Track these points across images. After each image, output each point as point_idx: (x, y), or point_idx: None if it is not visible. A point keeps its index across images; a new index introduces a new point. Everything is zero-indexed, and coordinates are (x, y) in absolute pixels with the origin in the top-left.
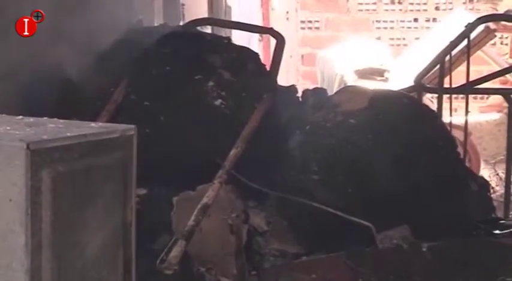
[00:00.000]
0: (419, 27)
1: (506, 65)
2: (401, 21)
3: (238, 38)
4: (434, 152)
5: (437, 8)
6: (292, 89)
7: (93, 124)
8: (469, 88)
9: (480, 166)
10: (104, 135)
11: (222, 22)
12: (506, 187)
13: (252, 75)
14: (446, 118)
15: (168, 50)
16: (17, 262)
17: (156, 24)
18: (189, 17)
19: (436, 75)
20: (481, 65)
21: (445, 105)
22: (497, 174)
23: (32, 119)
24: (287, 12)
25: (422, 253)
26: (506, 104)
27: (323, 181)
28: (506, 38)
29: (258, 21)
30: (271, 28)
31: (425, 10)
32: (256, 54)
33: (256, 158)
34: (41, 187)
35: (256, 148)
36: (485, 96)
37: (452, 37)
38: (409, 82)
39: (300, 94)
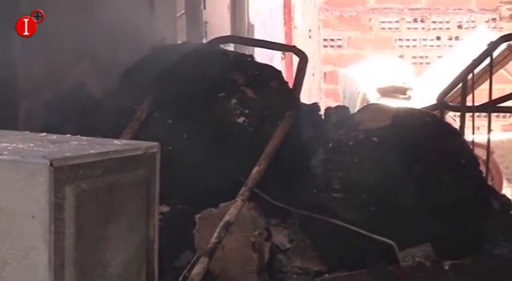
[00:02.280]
0: (442, 45)
1: None
2: (423, 39)
3: (261, 55)
4: (456, 170)
5: (460, 27)
6: (315, 107)
7: (116, 141)
8: (492, 106)
9: (502, 184)
10: (127, 153)
11: (245, 40)
12: None
13: (274, 93)
14: (468, 136)
15: (191, 67)
16: (40, 279)
17: (179, 42)
18: (212, 35)
19: (458, 94)
20: (504, 83)
21: (468, 123)
22: None
23: (55, 136)
24: (310, 30)
25: (444, 271)
26: None
27: (345, 199)
28: None
29: (280, 39)
30: (294, 46)
31: (448, 29)
32: (279, 72)
33: (279, 176)
34: (64, 204)
35: (279, 165)
36: (508, 114)
37: (475, 55)
38: (432, 100)
39: (322, 112)
